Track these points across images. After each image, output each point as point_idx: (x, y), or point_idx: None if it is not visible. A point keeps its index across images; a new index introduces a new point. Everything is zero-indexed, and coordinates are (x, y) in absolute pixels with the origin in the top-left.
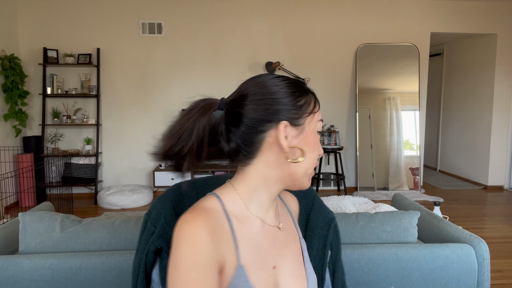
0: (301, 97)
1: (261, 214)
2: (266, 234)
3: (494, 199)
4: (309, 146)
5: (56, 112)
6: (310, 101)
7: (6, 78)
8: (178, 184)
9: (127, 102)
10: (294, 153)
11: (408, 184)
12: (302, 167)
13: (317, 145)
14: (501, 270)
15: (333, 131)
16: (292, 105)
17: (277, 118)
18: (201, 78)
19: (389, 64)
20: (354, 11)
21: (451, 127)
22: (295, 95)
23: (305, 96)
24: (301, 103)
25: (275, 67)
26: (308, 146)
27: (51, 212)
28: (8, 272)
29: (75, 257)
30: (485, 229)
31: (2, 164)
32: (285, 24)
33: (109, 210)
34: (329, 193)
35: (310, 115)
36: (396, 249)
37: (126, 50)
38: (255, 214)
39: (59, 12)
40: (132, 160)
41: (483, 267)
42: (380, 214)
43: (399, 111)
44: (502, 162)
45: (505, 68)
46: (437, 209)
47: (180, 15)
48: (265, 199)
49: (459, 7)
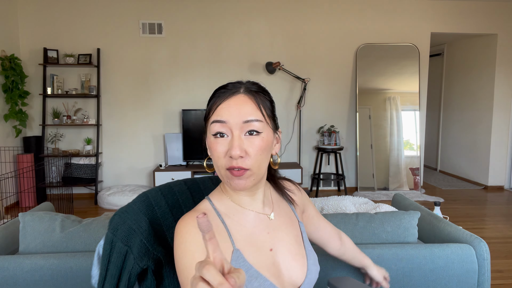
0: (208, 105)
1: (248, 206)
2: (258, 222)
3: (494, 199)
4: (209, 150)
5: (56, 112)
6: (211, 106)
7: (7, 78)
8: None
9: (127, 102)
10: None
11: (408, 184)
12: (216, 169)
13: (212, 149)
14: (501, 270)
15: (333, 131)
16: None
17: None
18: (201, 78)
19: (389, 64)
20: (354, 11)
21: (451, 127)
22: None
23: (209, 102)
24: (206, 110)
25: (275, 67)
26: (209, 149)
27: (51, 212)
28: (8, 272)
29: (75, 257)
30: (485, 229)
31: (2, 164)
32: (285, 24)
33: (109, 210)
34: (329, 193)
35: (207, 120)
36: (396, 249)
37: (126, 50)
38: (243, 206)
39: (59, 12)
40: (132, 160)
41: (484, 267)
42: (380, 214)
43: (399, 111)
44: (502, 162)
45: (505, 68)
46: (437, 209)
47: (180, 15)
48: (242, 193)
49: (459, 7)
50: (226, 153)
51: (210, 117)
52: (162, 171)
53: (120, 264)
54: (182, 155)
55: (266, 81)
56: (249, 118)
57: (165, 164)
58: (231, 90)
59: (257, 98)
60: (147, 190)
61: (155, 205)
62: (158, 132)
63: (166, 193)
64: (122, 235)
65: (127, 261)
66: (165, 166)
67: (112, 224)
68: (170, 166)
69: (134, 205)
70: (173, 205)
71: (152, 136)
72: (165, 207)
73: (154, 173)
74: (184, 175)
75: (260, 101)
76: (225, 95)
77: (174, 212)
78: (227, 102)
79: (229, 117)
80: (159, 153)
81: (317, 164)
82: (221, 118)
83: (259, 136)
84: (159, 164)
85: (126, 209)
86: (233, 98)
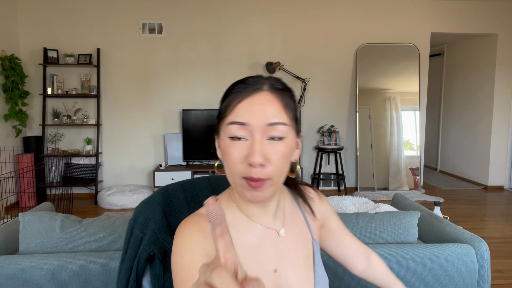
0: (223, 101)
1: (257, 219)
2: (265, 238)
3: (494, 199)
4: (223, 153)
5: (56, 112)
6: (228, 103)
7: (7, 78)
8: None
9: (127, 102)
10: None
11: (408, 184)
12: (228, 175)
13: (227, 153)
14: (501, 270)
15: (333, 131)
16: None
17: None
18: (201, 78)
19: (389, 64)
20: (354, 11)
21: (451, 127)
22: (222, 99)
23: (225, 99)
24: (221, 106)
25: (275, 67)
26: (222, 153)
27: (51, 212)
28: (8, 272)
29: (75, 257)
30: (485, 229)
31: (3, 164)
32: (285, 24)
33: (109, 210)
34: (329, 193)
35: (223, 119)
36: (396, 249)
37: (126, 50)
38: (251, 219)
39: (59, 12)
40: (132, 160)
41: (484, 267)
42: (380, 214)
43: (399, 111)
44: (502, 162)
45: (505, 68)
46: (437, 209)
47: (180, 15)
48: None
49: (459, 7)
50: (244, 158)
51: (227, 116)
52: (162, 171)
53: (136, 249)
54: (182, 155)
55: None
56: (274, 121)
57: (165, 164)
58: (253, 86)
59: (283, 98)
60: (170, 184)
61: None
62: (158, 132)
63: (187, 187)
64: (140, 223)
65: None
66: (165, 166)
67: (135, 212)
68: (170, 166)
69: (154, 197)
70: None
71: (152, 136)
72: (183, 200)
73: (154, 173)
74: (184, 175)
75: (286, 101)
76: (246, 91)
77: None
78: (249, 100)
79: (251, 118)
80: (159, 153)
81: (317, 164)
82: (242, 120)
83: (283, 141)
84: (159, 164)
85: (148, 199)
86: (256, 96)
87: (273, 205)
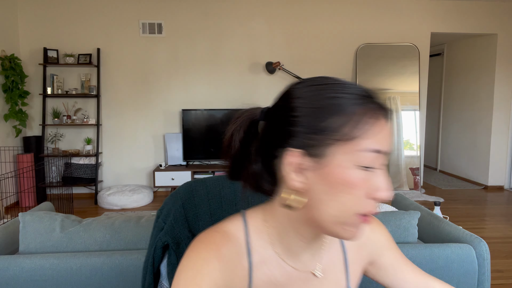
0: (331, 116)
1: (289, 258)
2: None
3: (494, 199)
4: (338, 184)
5: (56, 112)
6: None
7: (6, 78)
8: (190, 182)
9: (127, 102)
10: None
11: (408, 184)
12: (326, 213)
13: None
14: (501, 270)
15: None
16: (308, 126)
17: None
18: (201, 78)
19: (389, 64)
20: (354, 11)
21: (451, 127)
22: (319, 111)
23: (340, 115)
24: (326, 124)
25: (275, 67)
26: (330, 186)
27: (51, 212)
28: (8, 272)
29: (75, 257)
30: (485, 229)
31: (2, 164)
32: (285, 24)
33: (109, 210)
34: None
35: (341, 142)
36: None
37: (126, 50)
38: (282, 256)
39: (59, 12)
40: (132, 160)
41: (484, 267)
42: (380, 214)
43: (399, 111)
44: (502, 162)
45: (505, 68)
46: (437, 209)
47: (180, 15)
48: (295, 242)
49: (459, 7)
50: (369, 193)
51: (362, 139)
52: (162, 171)
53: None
54: (182, 155)
55: (266, 81)
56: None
57: (165, 164)
58: (386, 109)
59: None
60: (195, 179)
61: (194, 193)
62: (158, 132)
63: (210, 184)
64: (164, 214)
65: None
66: (165, 166)
67: (163, 204)
68: (170, 166)
69: (179, 190)
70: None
71: (152, 136)
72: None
73: (154, 173)
74: (184, 175)
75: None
76: (386, 115)
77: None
78: (387, 126)
79: (389, 147)
80: (159, 153)
81: None
82: (386, 149)
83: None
84: (159, 164)
85: (174, 192)
86: (389, 122)
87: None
